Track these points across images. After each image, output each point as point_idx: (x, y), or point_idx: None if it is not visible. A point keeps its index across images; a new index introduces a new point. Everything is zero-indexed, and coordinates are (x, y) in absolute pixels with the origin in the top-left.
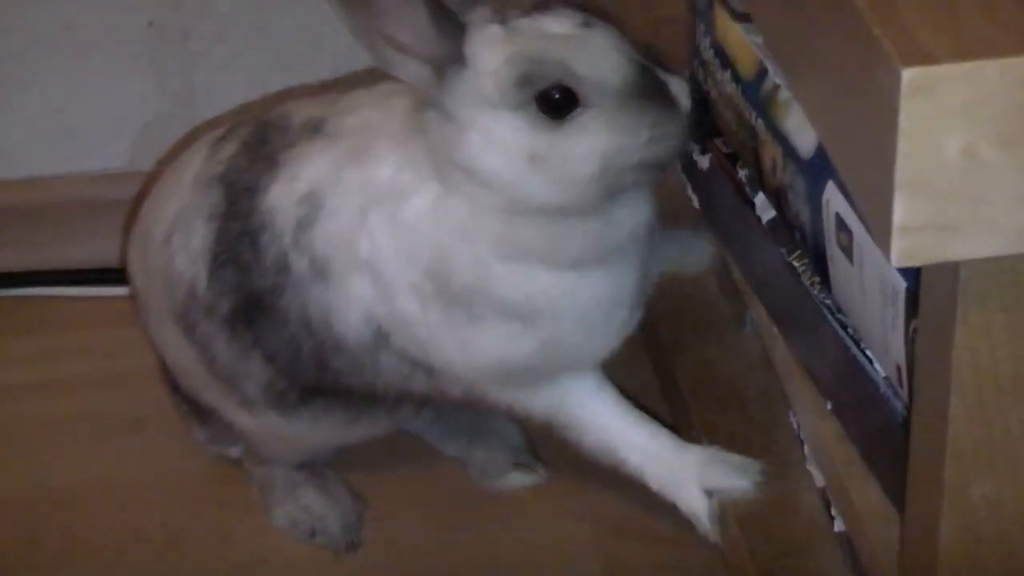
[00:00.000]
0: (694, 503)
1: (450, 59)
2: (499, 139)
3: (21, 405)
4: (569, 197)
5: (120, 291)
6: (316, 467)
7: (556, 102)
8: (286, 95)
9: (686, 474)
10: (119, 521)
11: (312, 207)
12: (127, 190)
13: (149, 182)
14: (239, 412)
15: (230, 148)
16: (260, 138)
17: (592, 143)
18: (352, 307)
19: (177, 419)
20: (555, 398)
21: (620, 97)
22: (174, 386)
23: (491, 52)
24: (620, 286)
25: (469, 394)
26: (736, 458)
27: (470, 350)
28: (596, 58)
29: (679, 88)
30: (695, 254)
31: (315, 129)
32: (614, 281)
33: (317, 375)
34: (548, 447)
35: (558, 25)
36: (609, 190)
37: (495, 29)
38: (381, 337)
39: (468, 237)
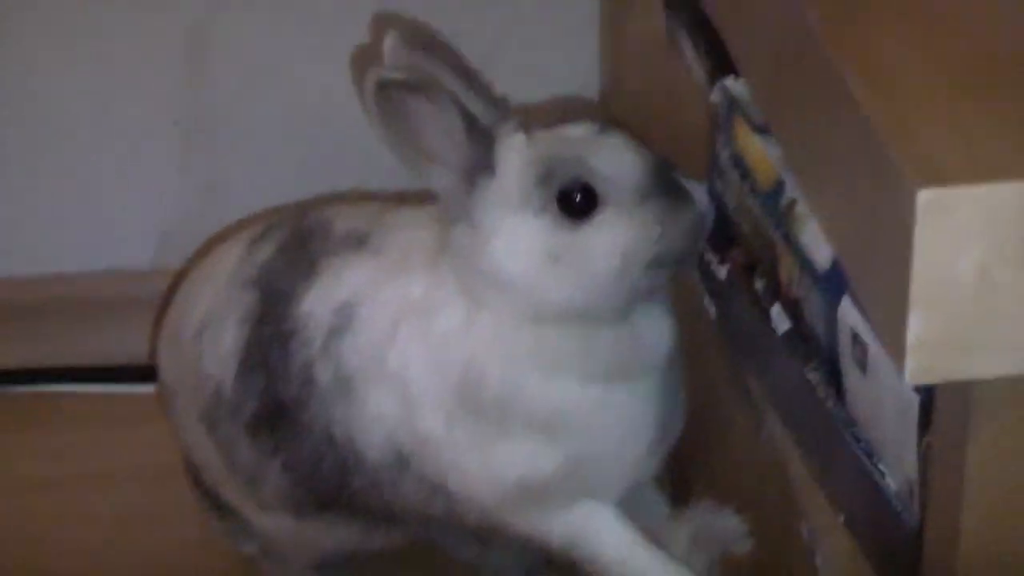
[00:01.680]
0: None
1: (479, 168)
2: (522, 242)
3: (40, 499)
4: (591, 298)
5: (142, 388)
6: (331, 569)
7: (576, 202)
8: (315, 202)
9: None
10: None
11: (345, 317)
12: (151, 288)
13: (176, 279)
14: (256, 512)
15: (267, 250)
16: (299, 243)
17: (611, 240)
18: (375, 427)
19: (195, 516)
20: (574, 528)
21: (638, 194)
22: (196, 479)
23: (515, 156)
24: (647, 405)
25: (486, 522)
26: None
27: (493, 467)
28: (613, 157)
29: (696, 189)
30: (725, 535)
31: (359, 241)
32: (641, 399)
33: (336, 489)
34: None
35: (577, 131)
36: (630, 291)
37: (520, 137)
38: (402, 459)
39: (497, 349)
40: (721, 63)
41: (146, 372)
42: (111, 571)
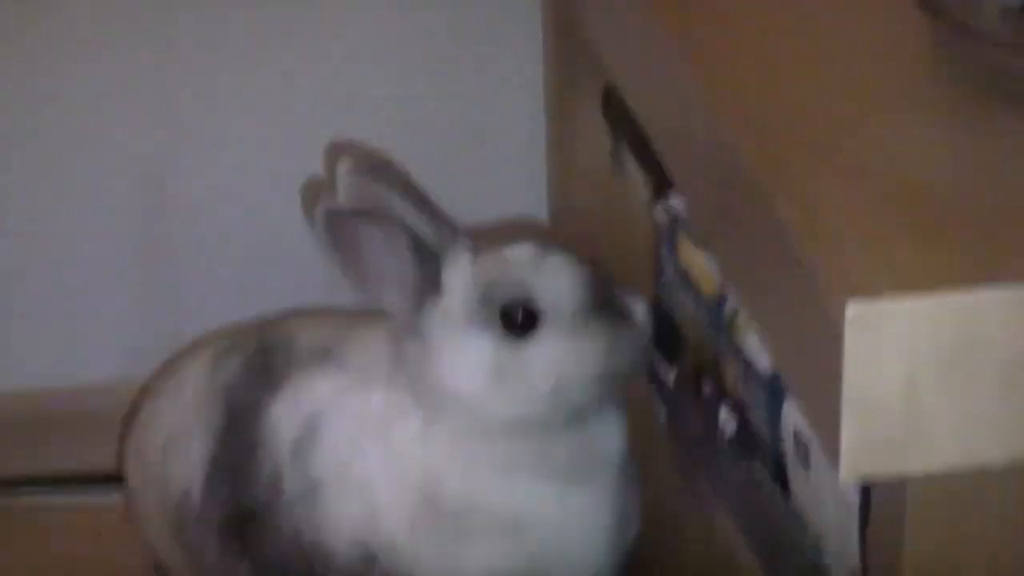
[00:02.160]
0: None
1: (427, 288)
2: (468, 358)
3: None
4: (531, 411)
5: (109, 498)
6: None
7: (517, 321)
8: (277, 316)
9: None
10: None
11: (312, 428)
12: (114, 401)
13: (141, 391)
14: None
15: (232, 364)
16: (264, 357)
17: (550, 358)
18: (341, 530)
19: None
20: None
21: (577, 314)
22: None
23: (460, 277)
24: (604, 504)
25: None
26: None
27: (457, 569)
28: (554, 277)
29: (636, 306)
30: None
31: (323, 355)
32: (599, 498)
33: None
34: None
35: (519, 252)
36: (572, 404)
37: (465, 258)
38: (368, 557)
39: (453, 459)
40: (664, 180)
41: (113, 481)
42: None
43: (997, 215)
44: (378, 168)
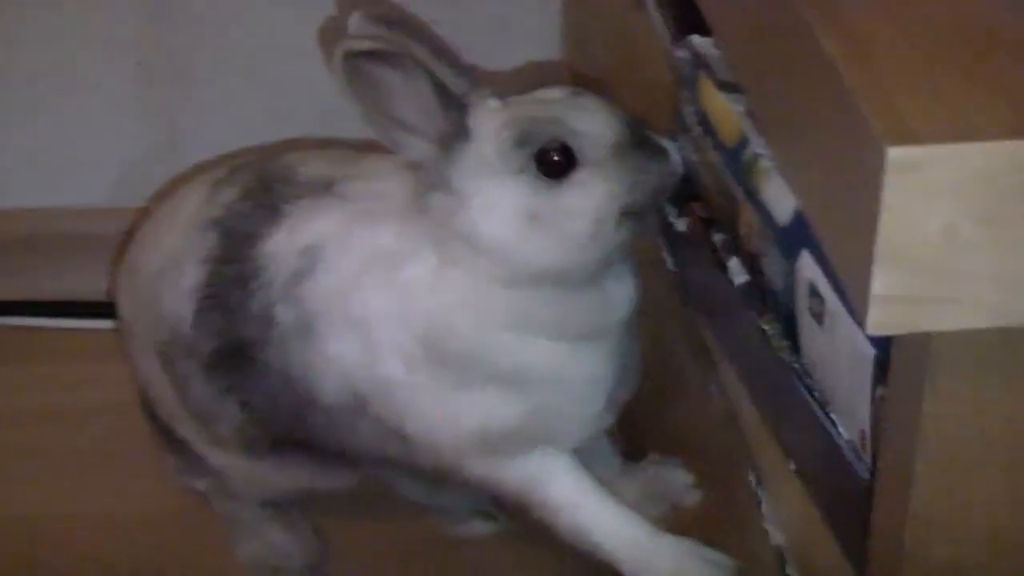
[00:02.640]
0: None
1: (453, 135)
2: (501, 204)
3: None
4: (568, 258)
5: (97, 324)
6: (282, 505)
7: (554, 162)
8: (278, 147)
9: (662, 565)
10: (87, 553)
11: (310, 260)
12: (108, 225)
13: (136, 218)
14: (209, 449)
15: (231, 193)
16: (264, 186)
17: (587, 199)
18: (332, 368)
19: (148, 453)
20: (529, 474)
21: (614, 151)
22: (150, 414)
23: (490, 121)
24: (608, 361)
25: (442, 465)
26: (712, 553)
27: (454, 414)
28: (589, 117)
29: (670, 146)
30: (673, 487)
31: (325, 187)
32: (604, 356)
33: (291, 428)
34: None
35: (550, 94)
36: (605, 249)
37: (494, 103)
38: (359, 402)
39: (468, 307)
40: (685, 20)
41: (102, 309)
42: (66, 505)
43: None
44: (393, 16)
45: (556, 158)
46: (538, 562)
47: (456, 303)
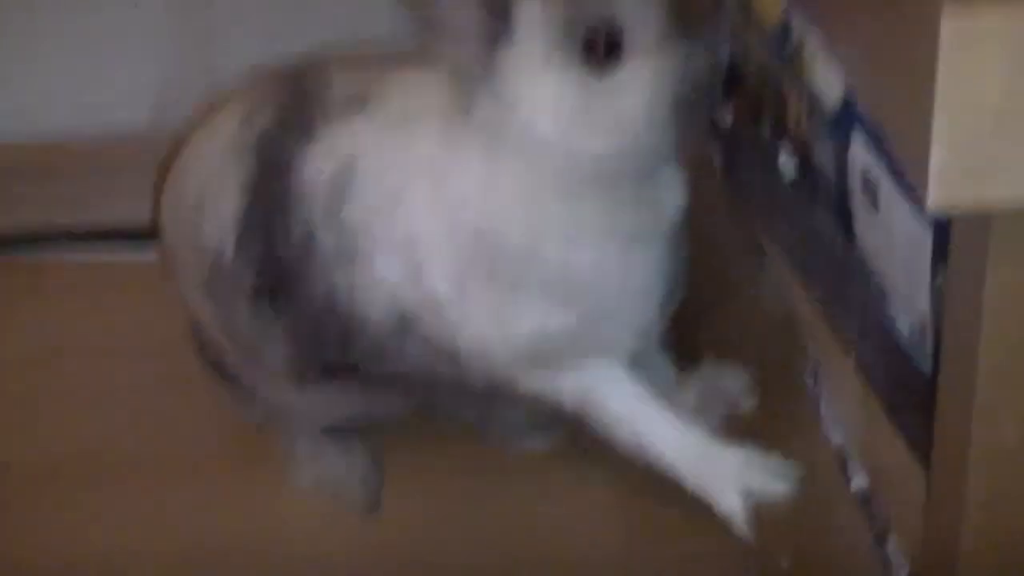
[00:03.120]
0: (732, 505)
1: (499, 36)
2: (551, 99)
3: (41, 371)
4: (622, 149)
5: (140, 256)
6: (338, 432)
7: (601, 51)
8: (311, 58)
9: (724, 475)
10: (141, 486)
11: (346, 181)
12: (148, 150)
13: (176, 141)
14: (259, 381)
15: (265, 115)
16: (298, 108)
17: (639, 84)
18: (378, 291)
19: (202, 384)
20: (585, 386)
21: (662, 38)
22: (201, 345)
23: (534, 17)
24: (659, 266)
25: (496, 381)
26: (774, 461)
27: (506, 324)
28: (635, 2)
29: (718, 28)
30: (731, 392)
31: (357, 106)
32: (654, 262)
33: (338, 356)
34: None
35: None
36: (659, 139)
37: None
38: (406, 323)
39: (518, 212)
40: None
41: (145, 236)
42: (116, 442)
43: None
44: None
45: (603, 46)
46: (599, 479)
47: (504, 210)
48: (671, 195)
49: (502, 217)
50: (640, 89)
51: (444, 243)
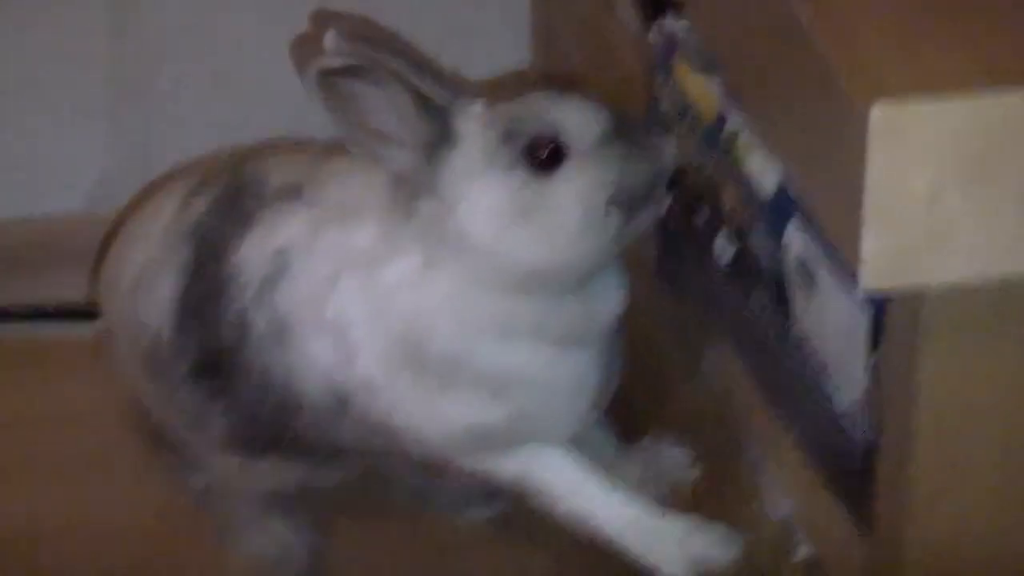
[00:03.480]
0: (676, 574)
1: (438, 142)
2: (491, 202)
3: None
4: (560, 254)
5: (75, 330)
6: (280, 501)
7: (542, 156)
8: (249, 150)
9: (668, 544)
10: (84, 559)
11: (280, 265)
12: (84, 234)
13: (112, 226)
14: (202, 451)
15: (202, 203)
16: (234, 196)
17: (579, 186)
18: (312, 371)
19: (139, 456)
20: (523, 464)
21: (602, 142)
22: (141, 417)
23: (476, 123)
24: (594, 366)
25: (433, 459)
26: (719, 528)
27: (438, 417)
28: (575, 110)
29: (661, 137)
30: (672, 466)
31: (294, 194)
32: (589, 361)
33: (278, 431)
34: None
35: (536, 94)
36: (596, 243)
37: (479, 106)
38: (341, 402)
39: (452, 310)
40: (653, 5)
41: (81, 315)
42: (54, 514)
43: None
44: (368, 32)
45: (544, 152)
46: (540, 551)
47: (439, 306)
48: (609, 298)
49: (434, 312)
50: (579, 191)
51: (374, 332)
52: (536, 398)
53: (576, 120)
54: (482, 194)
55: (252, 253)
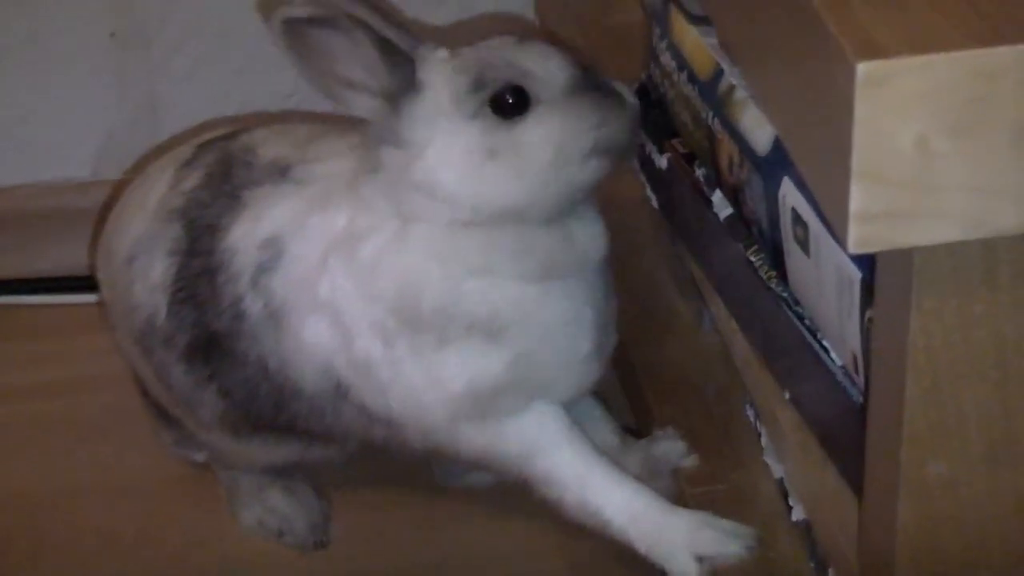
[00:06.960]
0: (686, 569)
1: (402, 89)
2: (458, 147)
3: None
4: (530, 194)
5: (83, 298)
6: (281, 471)
7: (508, 103)
8: (251, 117)
9: (676, 539)
10: (88, 525)
11: (274, 252)
12: (91, 199)
13: (115, 192)
14: (197, 428)
15: (193, 179)
16: (224, 172)
17: (546, 133)
18: (310, 357)
19: (145, 423)
20: (529, 440)
21: (568, 90)
22: (143, 389)
23: (440, 70)
24: (584, 304)
25: (436, 442)
26: (727, 523)
27: (440, 378)
28: (540, 59)
29: (623, 89)
30: (672, 455)
31: (282, 173)
32: (576, 298)
33: (273, 414)
34: None
35: (501, 41)
36: (567, 186)
37: (442, 53)
38: (340, 389)
39: (434, 258)
40: None
41: (87, 283)
42: (65, 479)
43: None
44: None
45: (511, 99)
46: (542, 512)
47: (421, 259)
48: (588, 233)
49: (418, 267)
50: (546, 137)
51: (366, 307)
52: (532, 339)
53: (541, 68)
54: (449, 140)
55: (243, 239)
